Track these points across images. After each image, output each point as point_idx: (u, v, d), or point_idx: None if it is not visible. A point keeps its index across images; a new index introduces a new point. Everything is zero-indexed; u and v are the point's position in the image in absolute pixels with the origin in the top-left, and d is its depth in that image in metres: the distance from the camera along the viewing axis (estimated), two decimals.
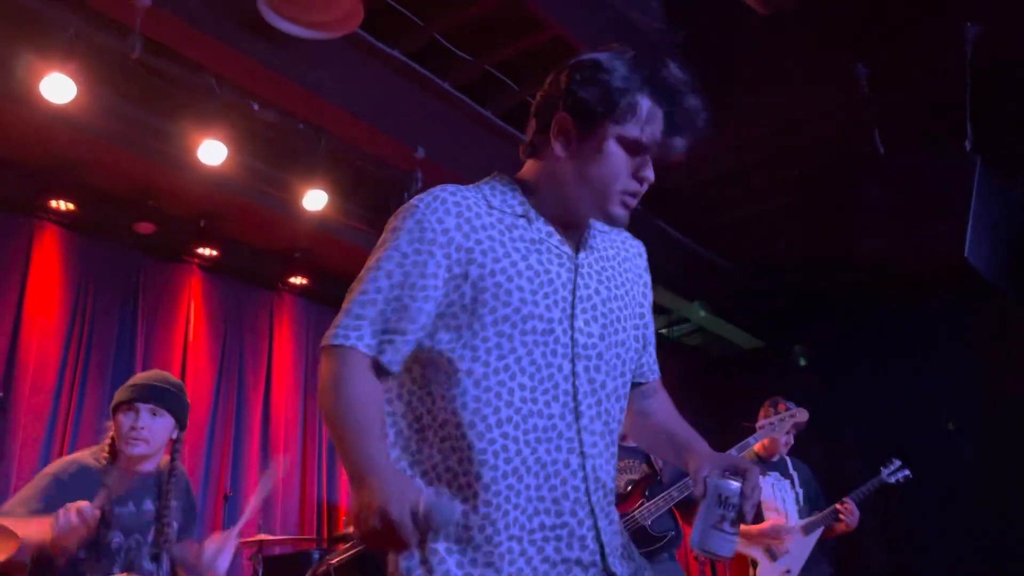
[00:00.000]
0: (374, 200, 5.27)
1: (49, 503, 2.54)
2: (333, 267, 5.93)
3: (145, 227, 5.01)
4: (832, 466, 5.93)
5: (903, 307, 6.33)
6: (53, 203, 4.66)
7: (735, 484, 1.45)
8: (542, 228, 1.55)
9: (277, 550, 4.93)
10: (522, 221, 1.55)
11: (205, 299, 5.49)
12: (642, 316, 1.68)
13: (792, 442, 4.63)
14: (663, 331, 8.14)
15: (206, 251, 5.36)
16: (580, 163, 1.52)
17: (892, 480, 4.51)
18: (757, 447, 4.63)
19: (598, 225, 1.66)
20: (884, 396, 6.42)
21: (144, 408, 2.80)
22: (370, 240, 5.45)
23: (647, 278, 1.75)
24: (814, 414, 5.27)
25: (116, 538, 2.68)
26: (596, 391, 1.50)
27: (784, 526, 4.32)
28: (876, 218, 5.54)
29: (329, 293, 6.16)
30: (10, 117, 3.96)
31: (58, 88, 3.62)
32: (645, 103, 1.51)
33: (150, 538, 2.76)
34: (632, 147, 1.52)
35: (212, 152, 4.19)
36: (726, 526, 1.44)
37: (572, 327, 1.49)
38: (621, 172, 1.53)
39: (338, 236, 5.33)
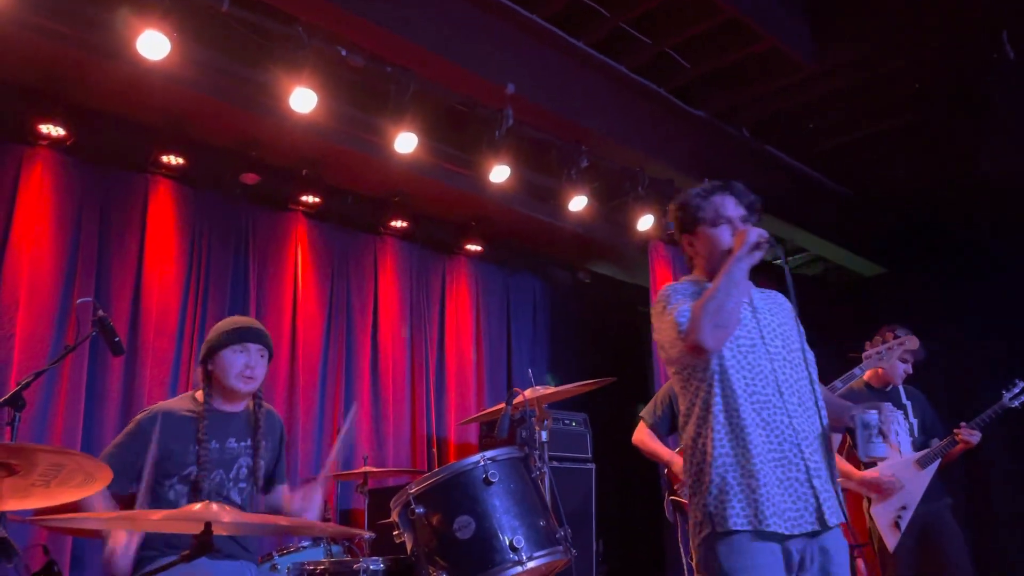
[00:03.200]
0: (465, 140, 5.27)
1: (128, 448, 2.82)
2: (430, 209, 6.01)
3: (250, 177, 5.20)
4: (956, 397, 5.61)
5: None
6: (164, 158, 4.89)
7: (873, 412, 2.36)
8: None
9: (391, 481, 5.14)
10: None
11: (311, 245, 5.68)
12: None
13: (911, 371, 4.40)
14: (777, 261, 7.84)
15: (309, 198, 5.52)
16: None
17: (1015, 404, 4.23)
18: (868, 376, 4.43)
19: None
20: (1012, 324, 5.99)
21: (255, 348, 3.01)
22: (464, 181, 5.48)
23: None
24: (938, 344, 4.97)
25: (192, 474, 2.89)
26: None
27: (889, 481, 4.14)
28: (1005, 133, 5.11)
29: (429, 235, 6.26)
30: (115, 75, 4.17)
31: (153, 44, 3.76)
32: None
33: (232, 474, 2.94)
34: None
35: (303, 100, 4.28)
36: (873, 439, 2.34)
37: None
38: None
39: (432, 177, 5.38)
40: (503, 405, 3.13)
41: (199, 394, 3.05)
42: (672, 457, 3.97)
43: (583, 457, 5.77)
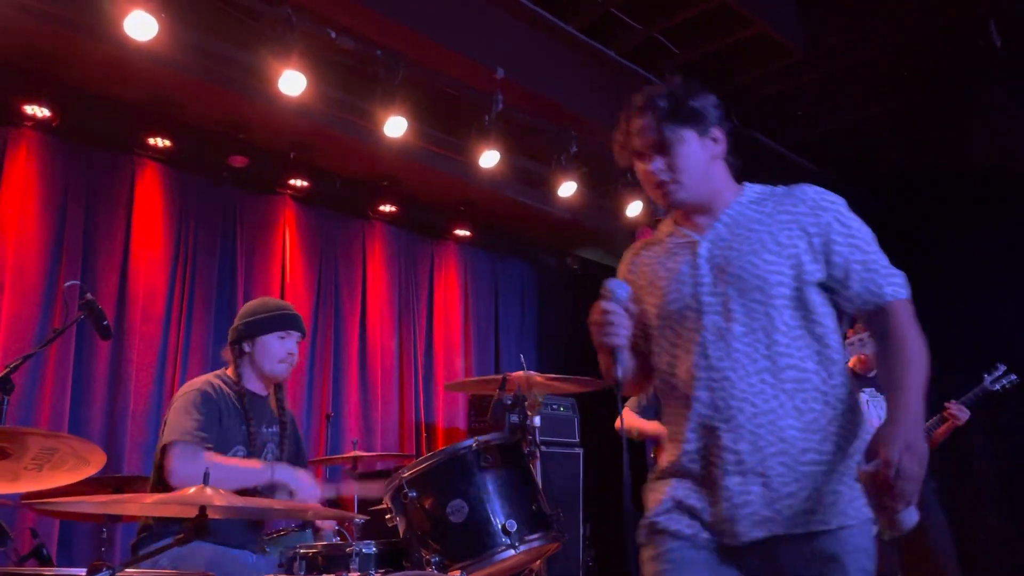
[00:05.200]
0: (455, 124, 5.25)
1: (211, 417, 2.85)
2: (419, 193, 5.99)
3: (238, 160, 5.16)
4: (939, 381, 5.67)
5: (1019, 215, 5.90)
6: (151, 140, 4.85)
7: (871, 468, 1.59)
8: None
9: (379, 465, 5.15)
10: None
11: (299, 229, 5.65)
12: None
13: None
14: None
15: (298, 182, 5.49)
16: None
17: (996, 387, 4.29)
18: (852, 363, 4.48)
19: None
20: (995, 309, 6.06)
21: (297, 336, 3.09)
22: (453, 165, 5.47)
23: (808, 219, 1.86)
24: (924, 329, 4.99)
25: (240, 454, 2.90)
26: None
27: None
28: (991, 119, 5.15)
29: (418, 220, 6.25)
30: (101, 56, 4.11)
31: (140, 25, 3.72)
32: None
33: (262, 459, 2.96)
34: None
35: (292, 82, 4.24)
36: (883, 505, 1.58)
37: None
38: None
39: (422, 162, 5.36)
40: (489, 377, 3.14)
41: (230, 372, 3.05)
42: (660, 429, 4.00)
43: (571, 442, 5.80)
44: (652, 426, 4.13)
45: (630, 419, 4.22)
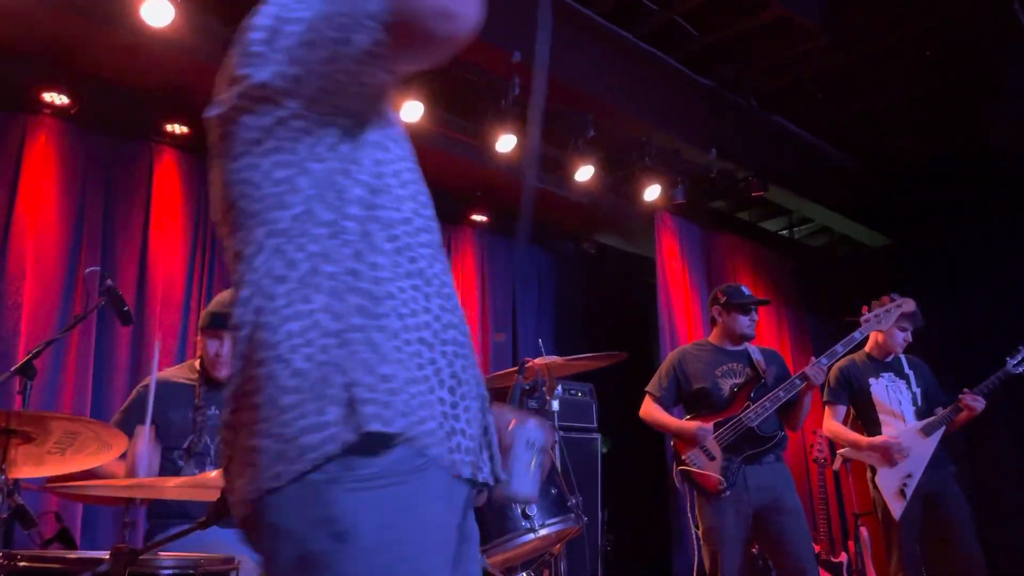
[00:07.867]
0: (471, 109, 5.23)
1: (132, 417, 2.83)
2: (435, 179, 5.87)
3: None
4: (962, 368, 5.62)
5: None
6: (168, 127, 4.86)
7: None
8: None
9: None
10: None
11: None
12: None
13: (911, 339, 4.41)
14: (783, 232, 7.83)
15: None
16: None
17: (1020, 370, 4.24)
18: (869, 347, 4.45)
19: None
20: (1018, 294, 5.99)
21: (227, 335, 2.98)
22: (470, 150, 5.43)
23: None
24: (944, 315, 4.96)
25: (206, 440, 2.90)
26: None
27: (898, 445, 4.15)
28: (1015, 105, 5.07)
29: (434, 205, 6.22)
30: (117, 43, 4.12)
31: (157, 11, 3.72)
32: None
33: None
34: None
35: None
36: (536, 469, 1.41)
37: None
38: None
39: (438, 147, 5.34)
40: (509, 371, 3.13)
41: (197, 362, 3.07)
42: (680, 427, 3.97)
43: (589, 427, 5.80)
44: (673, 422, 4.07)
45: (653, 411, 4.16)
